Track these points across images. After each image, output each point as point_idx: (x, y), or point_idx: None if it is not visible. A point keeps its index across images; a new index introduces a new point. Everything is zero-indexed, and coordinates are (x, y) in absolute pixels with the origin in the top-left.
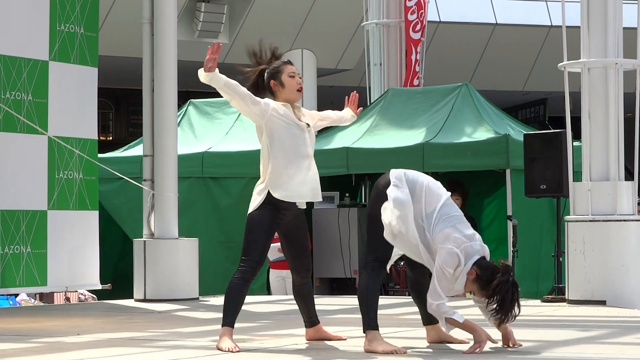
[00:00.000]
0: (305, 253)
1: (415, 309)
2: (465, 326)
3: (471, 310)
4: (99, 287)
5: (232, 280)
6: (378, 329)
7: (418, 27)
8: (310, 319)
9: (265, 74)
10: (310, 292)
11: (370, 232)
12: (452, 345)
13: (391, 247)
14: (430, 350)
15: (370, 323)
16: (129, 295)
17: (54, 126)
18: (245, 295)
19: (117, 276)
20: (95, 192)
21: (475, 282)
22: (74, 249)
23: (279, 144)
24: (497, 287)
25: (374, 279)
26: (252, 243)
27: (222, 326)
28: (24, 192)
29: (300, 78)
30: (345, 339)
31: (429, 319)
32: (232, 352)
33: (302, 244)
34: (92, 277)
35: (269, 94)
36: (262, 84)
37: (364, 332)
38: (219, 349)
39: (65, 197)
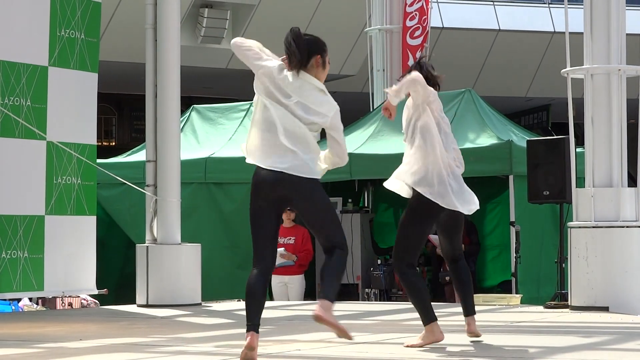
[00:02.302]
0: (317, 228)
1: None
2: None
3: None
4: (96, 291)
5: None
6: (436, 320)
7: (417, 32)
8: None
9: None
10: (333, 269)
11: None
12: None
13: (419, 250)
14: (440, 355)
15: (430, 317)
16: (132, 300)
17: (52, 132)
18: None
19: (122, 281)
20: (94, 198)
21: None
22: (71, 254)
23: None
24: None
25: (420, 279)
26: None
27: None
28: (21, 197)
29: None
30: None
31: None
32: None
33: (311, 219)
34: (88, 282)
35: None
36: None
37: (424, 326)
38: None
39: (63, 203)
